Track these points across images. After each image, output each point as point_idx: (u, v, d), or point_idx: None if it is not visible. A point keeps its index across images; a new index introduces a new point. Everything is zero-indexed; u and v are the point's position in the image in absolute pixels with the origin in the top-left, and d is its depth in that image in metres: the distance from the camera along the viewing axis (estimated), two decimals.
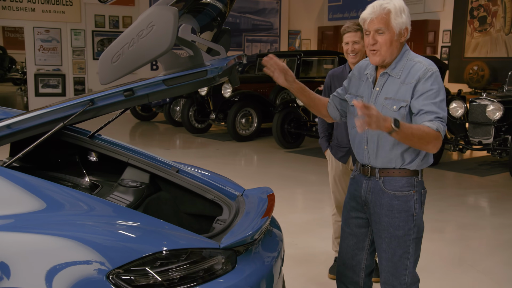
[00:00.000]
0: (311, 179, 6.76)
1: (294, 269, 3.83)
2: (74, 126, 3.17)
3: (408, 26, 2.26)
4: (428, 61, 2.28)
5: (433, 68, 2.25)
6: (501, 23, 10.84)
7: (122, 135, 10.29)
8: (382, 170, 2.35)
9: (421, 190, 2.37)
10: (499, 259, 4.21)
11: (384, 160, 2.33)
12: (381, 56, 2.26)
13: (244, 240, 2.07)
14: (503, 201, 5.91)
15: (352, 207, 2.50)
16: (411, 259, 2.37)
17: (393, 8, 2.22)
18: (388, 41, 2.24)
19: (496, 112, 6.97)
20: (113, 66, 1.72)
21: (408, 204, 2.32)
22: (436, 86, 2.22)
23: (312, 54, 10.87)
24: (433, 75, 2.23)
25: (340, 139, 3.53)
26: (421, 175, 2.37)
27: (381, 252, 2.41)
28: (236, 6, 14.87)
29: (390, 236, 2.35)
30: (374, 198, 2.37)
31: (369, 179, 2.39)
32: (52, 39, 12.98)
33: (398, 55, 2.30)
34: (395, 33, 2.23)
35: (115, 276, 1.78)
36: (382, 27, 2.23)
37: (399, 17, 2.22)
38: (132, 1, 13.72)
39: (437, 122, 2.17)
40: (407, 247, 2.35)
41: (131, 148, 2.91)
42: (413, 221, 2.34)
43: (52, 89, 13.11)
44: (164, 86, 2.02)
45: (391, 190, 2.33)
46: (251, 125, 9.64)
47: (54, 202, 1.96)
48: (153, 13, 1.72)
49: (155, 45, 1.73)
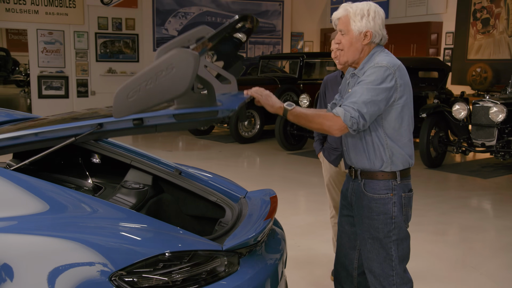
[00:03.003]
0: (314, 181, 6.76)
1: (297, 271, 3.83)
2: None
3: (370, 30, 2.31)
4: (386, 59, 2.29)
5: (383, 64, 2.26)
6: (504, 25, 10.82)
7: (124, 137, 10.30)
8: (363, 172, 2.40)
9: (401, 193, 2.38)
10: (502, 261, 4.20)
11: (357, 161, 2.41)
12: (343, 56, 2.39)
13: (246, 242, 2.07)
14: (507, 203, 5.89)
15: (343, 205, 2.58)
16: (396, 261, 2.39)
17: (352, 12, 2.33)
18: (348, 42, 2.35)
19: (499, 114, 6.96)
20: (128, 102, 1.74)
21: (386, 207, 2.36)
22: (371, 76, 2.24)
23: (315, 56, 10.88)
24: (375, 68, 2.25)
25: (333, 142, 3.56)
26: (401, 178, 2.37)
27: (366, 252, 2.44)
28: (239, 8, 14.90)
29: (372, 237, 2.39)
30: (356, 199, 2.44)
31: (354, 181, 2.47)
32: (55, 41, 13.01)
33: (366, 57, 2.36)
34: (354, 35, 2.33)
35: (118, 278, 1.78)
36: (343, 29, 2.36)
37: (358, 21, 2.31)
38: (135, 3, 13.75)
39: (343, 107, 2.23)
40: (389, 249, 2.38)
41: (134, 150, 2.91)
42: (392, 224, 2.36)
43: (55, 91, 13.15)
44: (173, 119, 2.05)
45: (369, 192, 2.38)
46: (254, 127, 9.64)
47: (57, 204, 1.97)
48: (174, 56, 1.75)
49: (172, 87, 1.76)
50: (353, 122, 2.21)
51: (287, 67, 11.48)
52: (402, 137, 2.36)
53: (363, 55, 2.36)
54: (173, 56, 1.75)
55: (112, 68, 13.66)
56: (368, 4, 2.34)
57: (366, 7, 2.32)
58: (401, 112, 2.32)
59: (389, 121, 2.32)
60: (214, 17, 14.69)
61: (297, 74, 10.15)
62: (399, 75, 2.28)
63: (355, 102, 2.22)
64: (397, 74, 2.28)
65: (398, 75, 2.28)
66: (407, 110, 2.35)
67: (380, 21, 2.34)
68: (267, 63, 11.23)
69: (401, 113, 2.32)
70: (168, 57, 1.75)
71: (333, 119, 2.22)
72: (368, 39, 2.33)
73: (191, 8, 14.44)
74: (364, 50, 2.36)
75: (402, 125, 2.35)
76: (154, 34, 14.06)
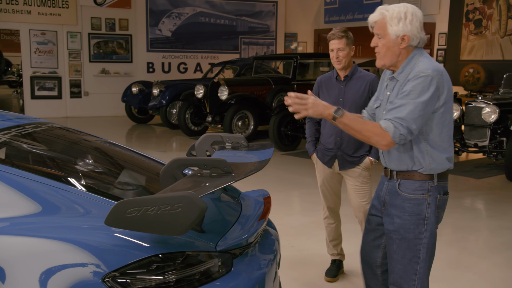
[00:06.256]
0: (308, 181, 6.76)
1: (291, 271, 3.83)
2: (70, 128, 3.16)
3: (407, 33, 2.28)
4: (429, 66, 2.25)
5: (427, 72, 2.22)
6: (496, 26, 10.88)
7: (118, 137, 10.27)
8: (399, 173, 2.39)
9: (437, 195, 2.35)
10: (495, 261, 4.22)
11: (395, 162, 2.39)
12: (380, 60, 2.37)
13: (240, 243, 2.07)
14: (500, 203, 5.92)
15: (373, 205, 2.57)
16: (422, 264, 2.35)
17: (389, 15, 2.28)
18: (384, 46, 2.32)
19: (492, 114, 6.99)
20: (125, 217, 1.75)
21: (419, 208, 2.33)
22: (418, 88, 2.20)
23: (309, 57, 10.89)
24: (421, 78, 2.21)
25: (326, 144, 3.55)
26: (439, 180, 2.35)
27: (392, 253, 2.41)
28: (233, 9, 14.90)
29: (401, 238, 2.36)
30: (390, 199, 2.42)
31: (389, 181, 2.45)
32: (48, 42, 12.96)
33: (406, 60, 2.32)
34: (391, 39, 2.30)
35: (111, 279, 1.77)
36: (380, 33, 2.32)
37: (395, 25, 2.27)
38: (129, 4, 13.72)
39: (392, 122, 2.20)
40: (417, 251, 2.35)
41: (128, 150, 2.91)
42: (424, 225, 2.34)
43: (48, 92, 13.09)
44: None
45: (404, 192, 2.36)
46: (248, 128, 9.64)
47: (50, 205, 1.96)
48: (186, 198, 1.76)
49: (170, 226, 1.78)
50: (401, 139, 2.20)
51: (281, 67, 11.49)
52: (442, 143, 2.32)
53: (401, 59, 2.33)
54: (185, 198, 1.76)
55: (106, 68, 13.63)
56: (405, 7, 2.29)
57: (403, 10, 2.28)
58: (441, 118, 2.28)
59: (429, 128, 2.28)
60: (208, 18, 14.68)
61: (291, 75, 10.16)
62: (442, 81, 2.24)
63: (404, 119, 2.19)
64: (441, 80, 2.24)
65: (441, 81, 2.24)
66: (448, 115, 2.30)
67: (418, 24, 2.29)
68: (261, 64, 11.23)
69: (441, 118, 2.28)
70: (180, 196, 1.77)
71: (382, 134, 2.20)
72: (406, 43, 2.29)
73: (185, 9, 14.42)
74: (402, 54, 2.32)
75: (443, 131, 2.31)
76: (148, 34, 14.04)
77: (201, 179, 2.10)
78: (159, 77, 13.60)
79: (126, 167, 2.83)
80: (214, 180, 2.07)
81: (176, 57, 14.43)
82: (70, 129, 3.16)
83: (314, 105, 2.23)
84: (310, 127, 3.72)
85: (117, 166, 2.86)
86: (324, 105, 2.25)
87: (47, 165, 2.48)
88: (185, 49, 14.50)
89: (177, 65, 14.46)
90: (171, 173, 2.22)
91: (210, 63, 14.29)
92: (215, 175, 2.13)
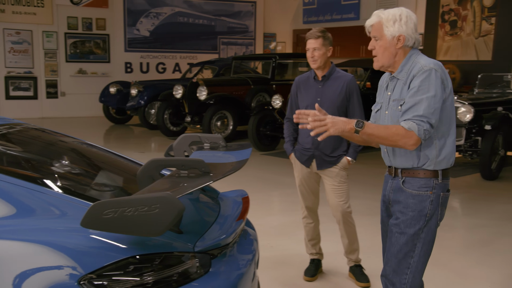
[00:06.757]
0: (287, 181, 6.78)
1: (270, 271, 3.83)
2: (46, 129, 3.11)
3: (403, 34, 2.36)
4: (429, 61, 2.33)
5: (430, 66, 2.29)
6: (471, 27, 11.07)
7: (96, 138, 10.16)
8: (404, 171, 2.42)
9: (440, 192, 2.40)
10: (471, 258, 4.29)
11: (401, 159, 2.42)
12: (378, 61, 2.44)
13: (218, 243, 2.06)
14: (475, 202, 6.02)
15: (382, 207, 2.61)
16: (415, 259, 2.40)
17: (385, 18, 2.38)
18: (382, 47, 2.40)
19: (467, 114, 7.11)
20: (101, 219, 1.73)
21: (422, 204, 2.37)
22: (426, 83, 2.27)
23: (288, 57, 10.93)
24: (426, 73, 2.28)
25: (304, 144, 3.57)
26: (443, 177, 2.40)
27: (389, 245, 2.45)
28: (212, 9, 14.87)
29: (401, 232, 2.40)
30: (394, 196, 2.46)
31: (394, 179, 2.48)
32: (23, 41, 12.75)
33: (404, 60, 2.40)
34: (387, 40, 2.38)
35: (87, 281, 1.75)
36: (377, 35, 2.41)
37: (391, 26, 2.37)
38: (106, 3, 13.59)
39: (413, 121, 2.24)
40: (414, 246, 2.39)
41: (106, 151, 2.87)
42: (425, 222, 2.38)
43: (24, 92, 12.88)
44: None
45: (409, 189, 2.40)
46: (227, 128, 9.62)
47: (24, 207, 1.93)
48: (163, 198, 1.75)
49: (147, 227, 1.76)
50: (426, 134, 2.25)
51: (260, 67, 11.50)
52: (449, 136, 2.39)
53: (398, 59, 2.40)
54: (162, 199, 1.74)
55: (83, 68, 13.47)
56: (400, 10, 2.40)
57: (398, 12, 2.38)
58: (445, 110, 2.34)
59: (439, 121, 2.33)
60: (186, 18, 14.62)
61: (270, 75, 10.18)
62: (445, 74, 2.33)
63: (423, 115, 2.23)
64: (443, 73, 2.32)
65: (444, 74, 2.32)
66: (451, 109, 2.37)
67: (413, 25, 2.39)
68: (240, 64, 11.23)
69: (445, 111, 2.34)
70: (157, 197, 1.75)
71: (408, 134, 2.23)
72: (402, 43, 2.37)
73: (163, 9, 14.34)
74: (399, 54, 2.40)
75: (450, 123, 2.38)
76: (126, 34, 13.92)
77: (179, 180, 2.09)
78: (137, 77, 13.49)
79: (103, 168, 2.80)
80: (192, 180, 2.07)
81: (154, 57, 14.33)
82: (45, 130, 3.12)
83: (334, 124, 2.23)
84: (288, 127, 3.73)
85: (94, 167, 2.83)
86: (343, 121, 2.24)
87: (22, 167, 2.44)
88: (164, 49, 14.42)
89: (155, 65, 14.37)
90: (148, 174, 2.20)
91: (189, 63, 14.23)
92: (193, 175, 2.12)
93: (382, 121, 2.46)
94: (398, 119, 2.33)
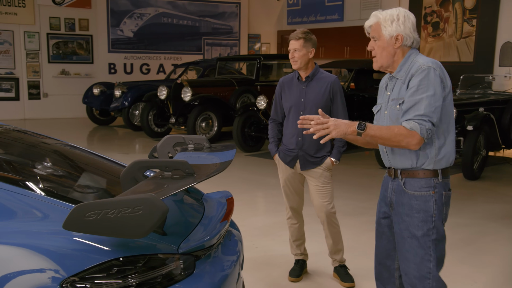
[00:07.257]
0: (272, 182, 6.79)
1: (254, 272, 3.83)
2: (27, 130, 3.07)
3: (401, 33, 2.37)
4: (428, 60, 2.34)
5: (428, 65, 2.30)
6: (453, 29, 11.20)
7: (79, 139, 10.06)
8: (403, 171, 2.42)
9: (442, 191, 2.40)
10: (453, 257, 4.34)
11: (400, 158, 2.42)
12: (377, 62, 2.45)
13: (202, 245, 2.06)
14: (457, 201, 6.09)
15: (381, 207, 2.59)
16: (434, 262, 2.38)
17: (383, 18, 2.40)
18: (380, 47, 2.42)
19: None
20: (84, 220, 1.71)
21: (427, 205, 2.37)
22: (425, 82, 2.28)
23: (272, 58, 10.94)
24: (425, 72, 2.29)
25: (288, 144, 3.58)
26: (443, 176, 2.40)
27: (404, 252, 2.43)
28: (196, 10, 14.83)
29: (411, 236, 2.39)
30: (397, 198, 2.45)
31: (394, 181, 2.48)
32: (4, 42, 12.59)
33: (403, 59, 2.41)
34: (385, 39, 2.39)
35: (69, 284, 1.74)
36: (375, 35, 2.43)
37: (389, 26, 2.38)
38: (89, 4, 13.47)
39: (414, 121, 2.25)
40: (428, 248, 2.37)
41: (89, 153, 2.85)
42: (432, 222, 2.37)
43: (5, 93, 12.72)
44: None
45: (410, 190, 2.40)
46: (212, 129, 9.61)
47: (5, 210, 1.90)
48: (146, 201, 1.73)
49: (130, 228, 1.75)
50: (428, 133, 2.25)
51: (245, 68, 11.50)
52: (449, 135, 2.39)
53: (396, 59, 2.41)
54: (145, 200, 1.73)
55: (66, 69, 13.33)
56: (398, 10, 2.41)
57: (395, 12, 2.39)
58: (445, 109, 2.34)
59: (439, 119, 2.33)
60: (170, 19, 14.57)
61: (255, 76, 10.18)
62: (443, 72, 2.34)
63: (424, 114, 2.24)
64: (442, 71, 2.33)
65: (442, 72, 2.33)
66: (450, 108, 2.38)
67: (410, 25, 2.39)
68: (224, 65, 11.22)
69: (445, 109, 2.35)
70: (140, 199, 1.74)
71: (410, 134, 2.23)
72: (400, 42, 2.38)
73: (147, 9, 14.26)
74: (397, 54, 2.41)
75: (450, 122, 2.38)
76: (109, 35, 13.81)
77: (162, 181, 2.08)
78: (121, 78, 13.40)
79: (86, 170, 2.77)
80: (176, 182, 2.06)
81: (138, 58, 14.25)
82: (27, 131, 3.08)
83: (336, 126, 2.24)
84: (272, 127, 3.73)
85: (77, 169, 2.81)
86: (345, 124, 2.25)
87: (3, 169, 2.41)
88: (148, 50, 14.34)
89: (139, 66, 14.29)
90: (132, 175, 2.19)
91: (173, 64, 14.17)
92: (177, 177, 2.12)
93: (382, 121, 2.46)
94: (397, 118, 2.35)
